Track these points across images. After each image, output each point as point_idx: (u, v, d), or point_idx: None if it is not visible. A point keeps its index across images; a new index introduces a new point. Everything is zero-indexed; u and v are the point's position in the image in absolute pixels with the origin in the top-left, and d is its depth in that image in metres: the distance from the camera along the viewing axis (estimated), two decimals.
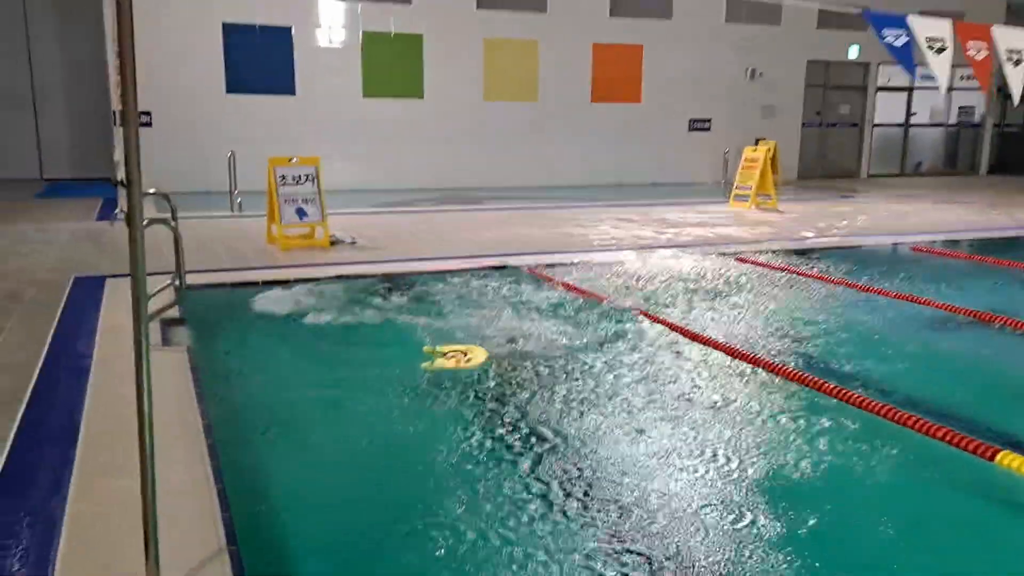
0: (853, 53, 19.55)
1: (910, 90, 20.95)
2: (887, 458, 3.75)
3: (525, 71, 17.15)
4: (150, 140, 14.48)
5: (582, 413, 4.27)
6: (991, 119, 22.08)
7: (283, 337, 5.75)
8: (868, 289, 7.25)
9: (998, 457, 3.62)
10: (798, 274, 7.97)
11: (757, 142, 16.85)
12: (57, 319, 5.80)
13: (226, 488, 3.21)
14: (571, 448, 3.85)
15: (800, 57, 19.36)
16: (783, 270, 8.14)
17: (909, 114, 21.55)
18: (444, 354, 4.94)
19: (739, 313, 6.47)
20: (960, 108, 22.03)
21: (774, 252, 9.21)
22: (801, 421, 4.18)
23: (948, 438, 3.83)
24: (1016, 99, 4.55)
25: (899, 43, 3.96)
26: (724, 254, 9.01)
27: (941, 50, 3.90)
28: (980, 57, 4.21)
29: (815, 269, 8.22)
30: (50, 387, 4.43)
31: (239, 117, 14.77)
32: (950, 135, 22.55)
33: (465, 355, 4.91)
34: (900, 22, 3.71)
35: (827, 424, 4.11)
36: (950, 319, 6.38)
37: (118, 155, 2.66)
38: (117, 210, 3.48)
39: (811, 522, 3.16)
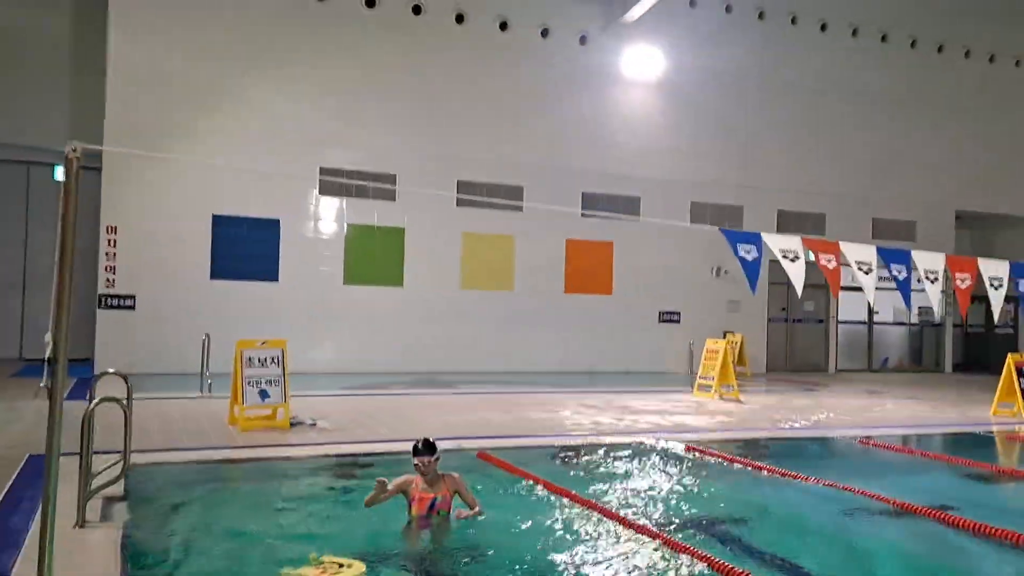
0: None
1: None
2: None
3: (501, 262, 18.08)
4: (131, 322, 15.01)
5: None
6: (951, 320, 22.99)
7: (226, 514, 5.82)
8: (800, 478, 7.41)
9: None
10: (737, 463, 8.16)
11: (725, 334, 17.52)
12: (2, 496, 5.90)
13: None
14: None
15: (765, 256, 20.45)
16: (723, 458, 8.33)
17: (872, 313, 22.45)
18: (320, 563, 4.62)
19: (657, 494, 6.61)
20: (920, 308, 23.00)
21: (724, 442, 9.43)
22: None
23: None
24: (871, 302, 5.06)
25: (750, 257, 4.48)
26: (672, 441, 9.22)
27: (795, 259, 4.41)
28: (831, 266, 4.74)
29: (756, 459, 8.40)
30: None
31: (221, 301, 15.37)
32: (914, 333, 23.41)
33: (340, 566, 4.58)
34: (753, 238, 4.22)
35: None
36: (871, 507, 6.53)
37: (48, 337, 2.88)
38: (43, 383, 3.57)
39: None
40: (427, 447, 5.50)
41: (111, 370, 5.91)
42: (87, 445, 5.29)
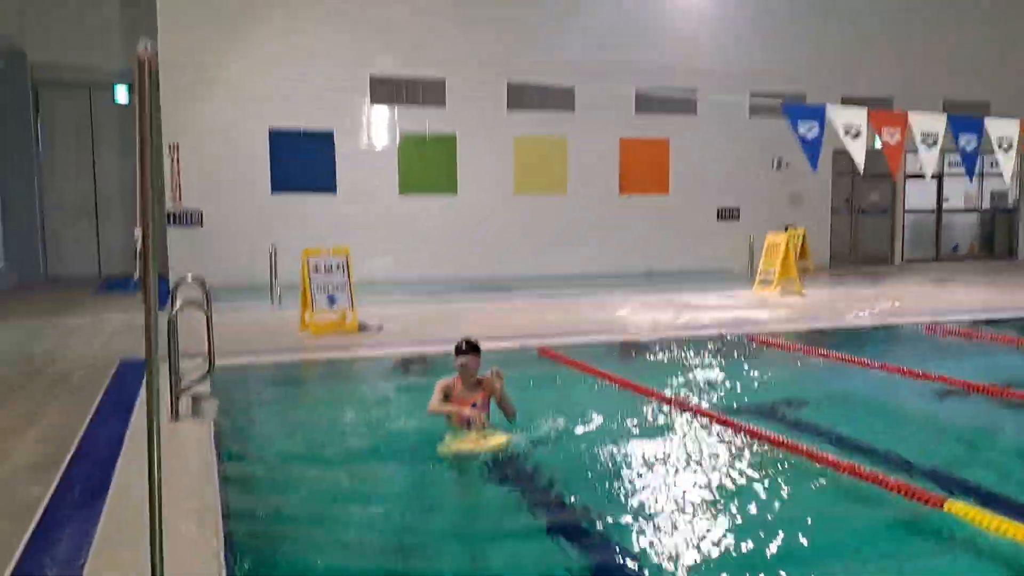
0: None
1: (940, 177, 21.18)
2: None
3: (554, 166, 17.92)
4: (200, 238, 15.48)
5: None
6: None
7: (306, 410, 6.17)
8: (863, 364, 7.42)
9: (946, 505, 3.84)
10: (799, 351, 8.19)
11: (786, 228, 17.21)
12: (100, 397, 6.33)
13: (232, 547, 3.57)
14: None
15: (826, 147, 19.81)
16: (785, 348, 8.36)
17: (941, 200, 21.71)
18: (475, 433, 5.03)
19: (719, 383, 6.72)
20: (992, 193, 22.14)
21: (786, 333, 9.43)
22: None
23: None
24: (928, 176, 4.93)
25: (810, 136, 4.36)
26: (736, 334, 9.27)
27: (857, 135, 4.27)
28: (893, 141, 4.58)
29: (819, 348, 8.40)
30: (88, 453, 4.89)
31: (282, 215, 15.68)
32: (985, 220, 22.57)
33: (485, 438, 5.02)
34: (816, 113, 4.10)
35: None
36: (935, 389, 6.53)
37: (137, 232, 3.01)
38: (136, 278, 3.89)
39: None
40: (471, 347, 5.28)
41: (189, 277, 6.17)
42: (175, 347, 5.59)
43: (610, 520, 3.95)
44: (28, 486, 4.29)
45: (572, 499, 4.29)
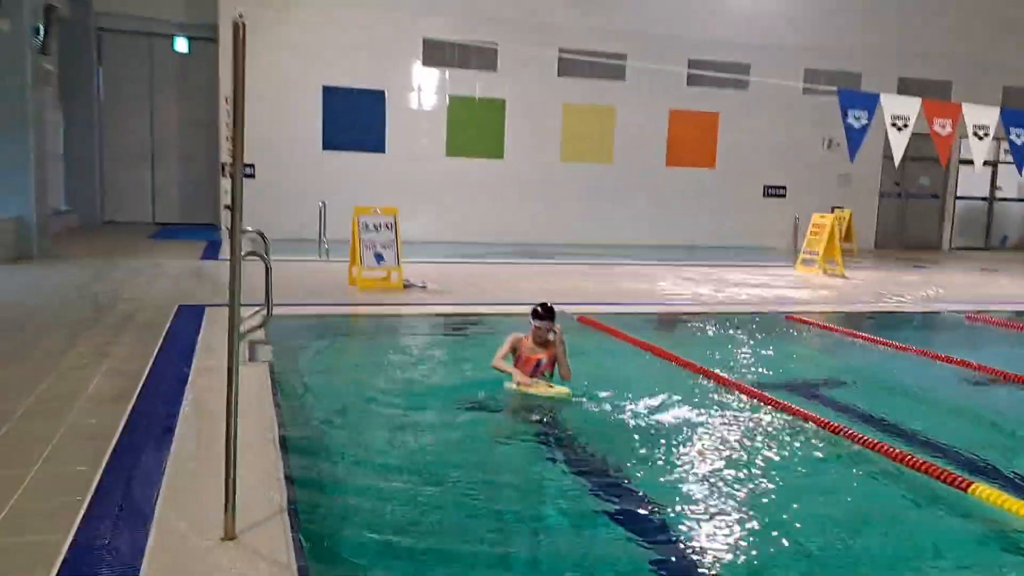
0: None
1: (994, 164, 20.76)
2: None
3: (601, 134, 17.95)
4: (251, 190, 15.84)
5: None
6: None
7: (355, 359, 6.48)
8: (900, 347, 7.50)
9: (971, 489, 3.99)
10: (836, 332, 8.28)
11: (833, 210, 17.09)
12: (163, 338, 6.70)
13: (289, 470, 3.89)
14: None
15: (878, 129, 19.51)
16: (823, 328, 8.46)
17: (994, 188, 21.29)
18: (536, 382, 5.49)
19: (753, 359, 6.86)
20: None
21: (825, 313, 9.51)
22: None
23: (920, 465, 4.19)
24: (978, 167, 4.98)
25: (858, 125, 4.43)
26: (774, 311, 9.38)
27: (903, 127, 4.34)
28: (944, 132, 4.64)
29: (856, 330, 8.47)
30: (156, 387, 5.24)
31: (332, 172, 16.00)
32: None
33: (550, 386, 5.46)
34: (870, 102, 4.17)
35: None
36: (970, 377, 6.61)
37: (225, 184, 3.26)
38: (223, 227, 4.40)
39: None
40: (548, 313, 5.56)
41: (249, 228, 6.44)
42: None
43: (640, 475, 4.19)
44: (104, 415, 4.64)
45: (598, 452, 4.52)
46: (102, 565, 2.93)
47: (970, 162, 20.31)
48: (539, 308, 5.63)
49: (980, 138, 4.65)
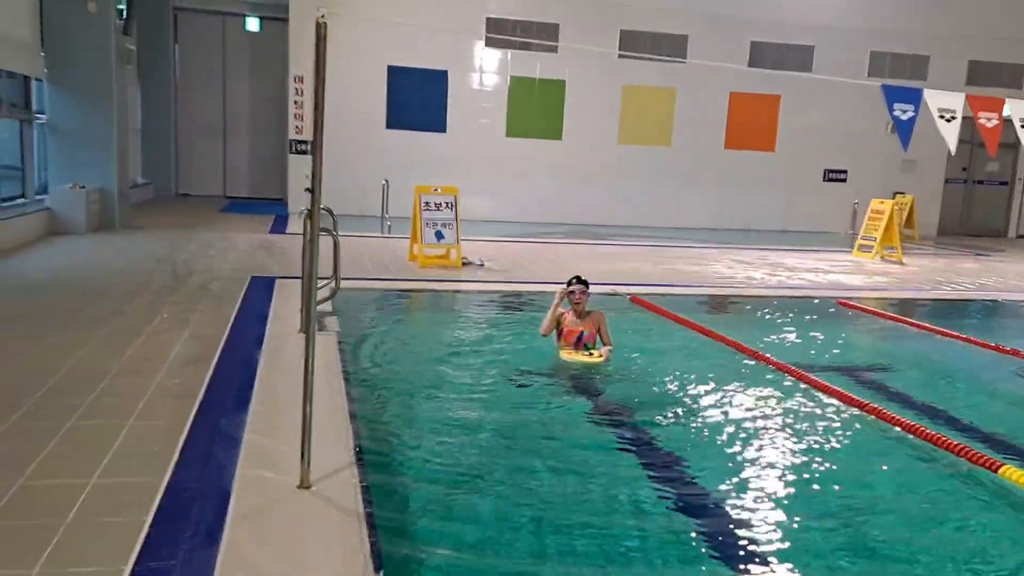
0: None
1: None
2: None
3: (661, 117, 17.97)
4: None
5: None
6: None
7: (415, 331, 6.85)
8: (952, 335, 7.54)
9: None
10: (888, 319, 8.34)
11: (895, 195, 16.86)
12: (238, 307, 7.17)
13: (357, 428, 4.27)
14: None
15: (918, 117, 19.07)
16: (875, 314, 8.52)
17: None
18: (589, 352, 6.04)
19: (803, 343, 7.01)
20: None
21: (879, 299, 9.54)
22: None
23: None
24: None
25: (905, 117, 4.54)
26: (827, 296, 9.45)
27: (951, 119, 4.43)
28: (991, 125, 4.70)
29: (909, 317, 8.51)
30: (233, 352, 5.69)
31: (395, 150, 16.42)
32: None
33: (591, 354, 6.03)
34: (913, 96, 4.27)
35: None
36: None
37: (307, 172, 3.56)
38: (302, 209, 4.78)
39: None
40: (580, 280, 6.18)
41: (322, 206, 6.84)
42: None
43: (686, 450, 4.46)
44: (188, 375, 5.09)
45: (635, 418, 4.79)
46: (192, 505, 3.33)
47: None
48: (572, 279, 6.23)
49: None
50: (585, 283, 6.18)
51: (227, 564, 2.89)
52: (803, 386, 5.70)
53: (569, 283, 6.17)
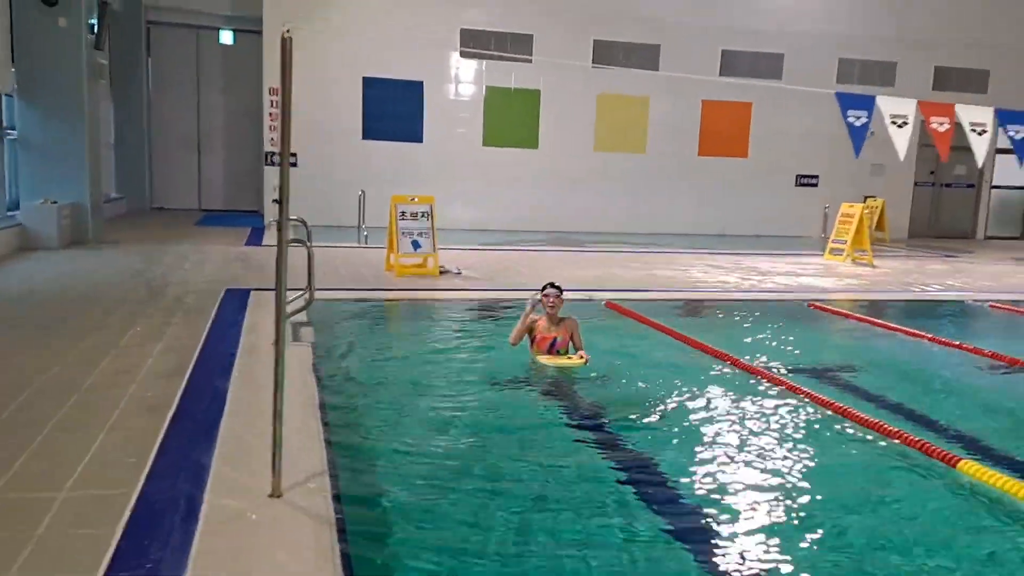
0: None
1: None
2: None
3: (635, 124, 18.16)
4: (294, 178, 16.28)
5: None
6: None
7: (391, 340, 6.88)
8: (918, 335, 7.69)
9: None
10: (856, 320, 8.49)
11: (865, 199, 17.13)
12: (212, 319, 7.18)
13: (330, 437, 4.30)
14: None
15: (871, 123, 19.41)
16: (844, 316, 8.67)
17: None
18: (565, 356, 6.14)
19: (774, 345, 7.13)
20: None
21: (848, 301, 9.70)
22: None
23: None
24: (980, 162, 5.21)
25: (858, 123, 4.69)
26: (799, 299, 9.60)
27: (903, 125, 4.57)
28: (942, 129, 4.86)
29: (877, 319, 8.66)
30: (207, 364, 5.70)
31: (371, 160, 16.46)
32: None
33: (568, 358, 6.11)
34: (865, 103, 4.41)
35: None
36: (986, 364, 6.79)
37: (275, 183, 3.57)
38: (270, 220, 4.88)
39: None
40: (554, 286, 6.24)
41: (293, 216, 6.87)
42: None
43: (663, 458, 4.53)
44: (162, 388, 5.10)
45: (608, 421, 4.86)
46: (164, 516, 3.35)
47: (1009, 151, 20.22)
48: (546, 285, 6.29)
49: (979, 134, 4.87)
50: (559, 288, 6.24)
51: (198, 574, 2.91)
52: (774, 388, 5.80)
53: (543, 288, 6.23)
